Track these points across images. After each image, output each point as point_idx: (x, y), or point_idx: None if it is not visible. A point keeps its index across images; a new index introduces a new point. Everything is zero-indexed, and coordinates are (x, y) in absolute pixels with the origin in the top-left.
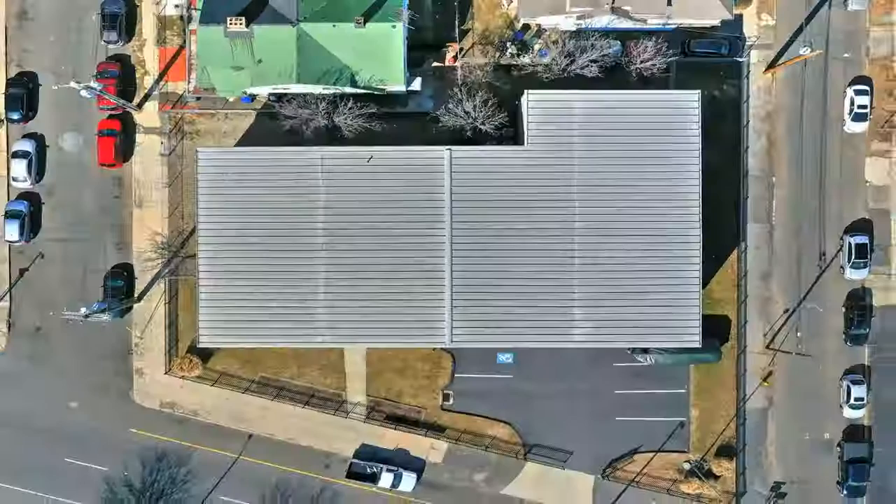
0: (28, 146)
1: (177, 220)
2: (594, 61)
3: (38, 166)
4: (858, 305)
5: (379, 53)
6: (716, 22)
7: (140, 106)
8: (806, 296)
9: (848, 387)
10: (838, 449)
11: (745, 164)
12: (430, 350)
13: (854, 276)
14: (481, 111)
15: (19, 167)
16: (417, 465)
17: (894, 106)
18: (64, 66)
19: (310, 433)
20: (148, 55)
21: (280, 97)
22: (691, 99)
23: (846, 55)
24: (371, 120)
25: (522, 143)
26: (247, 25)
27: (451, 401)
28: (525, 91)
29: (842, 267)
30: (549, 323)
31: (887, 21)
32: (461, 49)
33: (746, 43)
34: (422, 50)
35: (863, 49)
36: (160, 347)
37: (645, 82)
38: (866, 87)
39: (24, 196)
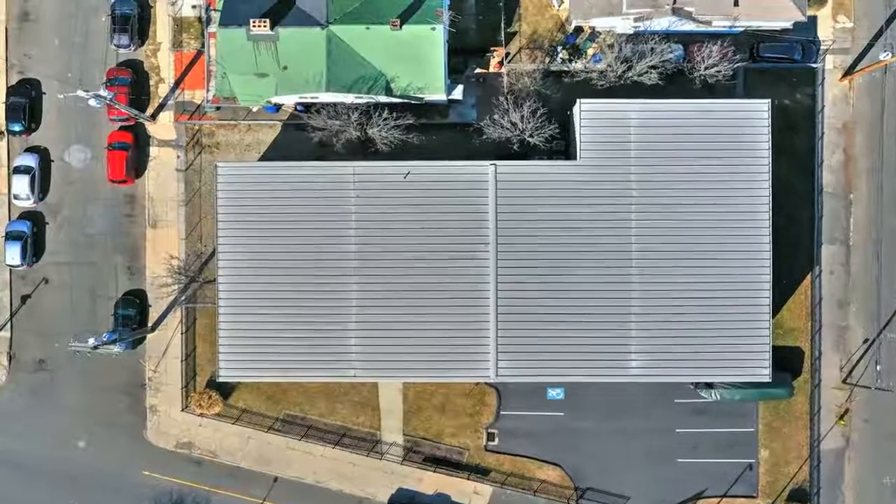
0: (31, 161)
1: (194, 241)
2: (653, 67)
3: (41, 183)
4: None
5: (417, 58)
6: (787, 24)
7: (154, 116)
8: (887, 325)
9: None
10: None
11: (819, 180)
12: (473, 385)
13: None
14: (529, 122)
15: (21, 184)
16: None
17: None
18: (70, 72)
19: (341, 476)
20: (162, 61)
21: (308, 107)
22: (760, 109)
23: None
24: (408, 132)
25: (574, 158)
26: (271, 28)
27: (496, 441)
28: (577, 100)
29: None
30: (604, 355)
31: None
32: (507, 54)
33: (821, 47)
34: (464, 55)
35: None
36: (176, 382)
37: (709, 90)
38: None
39: (27, 216)
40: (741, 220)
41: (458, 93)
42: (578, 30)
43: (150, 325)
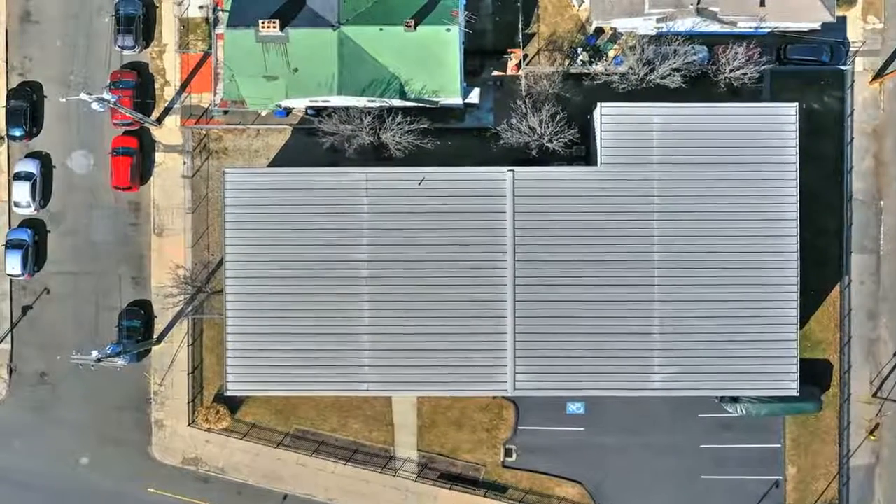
0: (32, 167)
1: (201, 250)
2: (677, 70)
3: (43, 190)
4: None
5: (432, 61)
6: (816, 25)
7: (159, 121)
8: None
9: None
10: None
11: (848, 186)
12: (490, 399)
13: None
14: (548, 126)
15: (22, 191)
16: None
17: None
18: (73, 75)
19: (353, 493)
20: (168, 63)
21: (319, 111)
22: (788, 113)
23: None
24: (423, 136)
25: (595, 163)
26: (281, 29)
27: (514, 457)
28: (598, 104)
29: None
30: (626, 368)
31: None
32: (525, 56)
33: (850, 49)
34: (480, 57)
35: None
36: (182, 396)
37: (735, 94)
38: None
39: (28, 223)
40: (767, 228)
41: (474, 96)
42: (599, 31)
43: (155, 337)
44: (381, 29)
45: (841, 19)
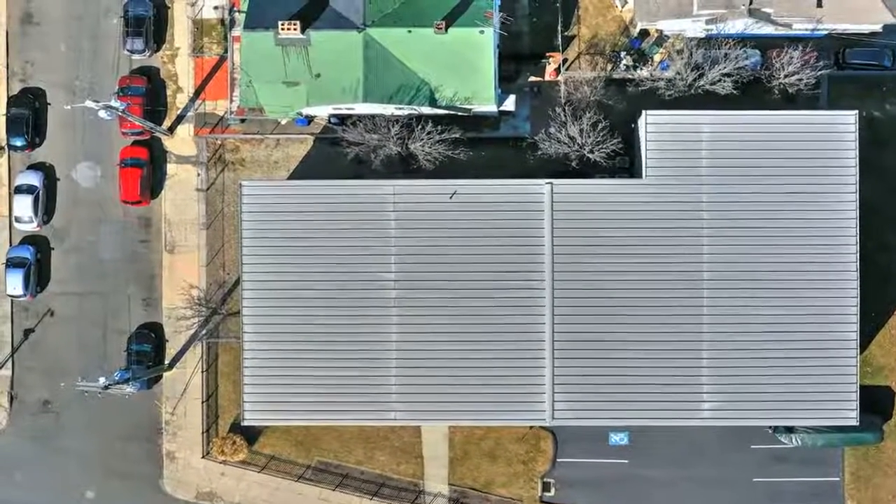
0: (34, 179)
1: (216, 269)
2: (727, 75)
3: (46, 204)
4: None
5: (464, 65)
6: (876, 27)
7: (171, 130)
8: None
9: None
10: None
11: None
12: (527, 429)
13: None
14: (589, 136)
15: (24, 205)
16: None
17: None
18: (78, 80)
19: None
20: (181, 67)
21: (343, 119)
22: (847, 121)
23: None
24: (454, 147)
25: (639, 176)
26: (302, 31)
27: (553, 491)
28: (643, 111)
29: None
30: (673, 396)
31: None
32: (565, 60)
33: None
34: (516, 61)
35: None
36: (196, 426)
37: (789, 100)
38: None
39: (30, 240)
40: (825, 244)
41: (509, 103)
42: (644, 33)
43: (166, 362)
44: (409, 31)
45: None
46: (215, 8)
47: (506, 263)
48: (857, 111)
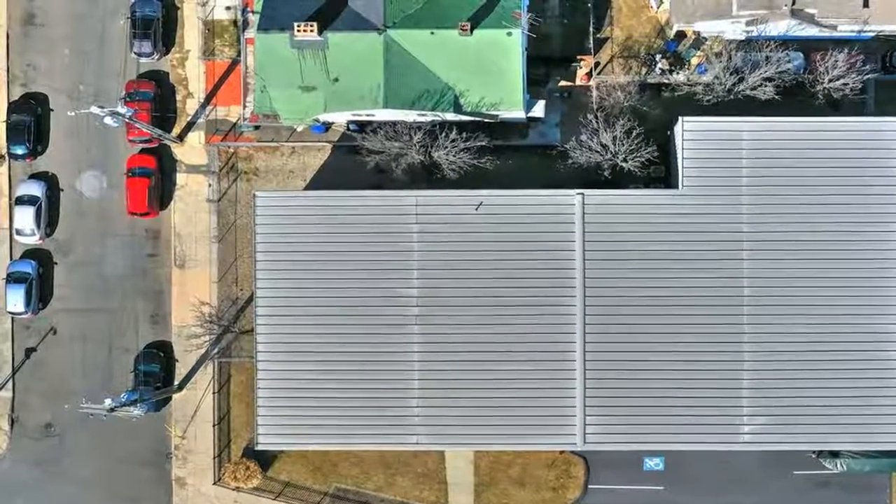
0: (36, 190)
1: (228, 285)
2: (769, 79)
3: (48, 216)
4: None
5: (491, 69)
6: None
7: (181, 137)
8: None
9: None
10: None
11: None
12: (557, 454)
13: None
14: (622, 144)
15: (25, 217)
16: None
17: None
18: (82, 85)
19: None
20: (191, 72)
21: (362, 126)
22: (894, 128)
23: None
24: (480, 155)
25: (676, 186)
26: (319, 33)
27: None
28: (679, 118)
29: None
30: (711, 419)
31: None
32: (597, 64)
33: None
34: (546, 65)
35: None
36: (207, 450)
37: (834, 106)
38: None
39: (32, 254)
40: (871, 258)
41: (538, 109)
42: (680, 35)
43: (176, 383)
44: (432, 33)
45: None
46: (227, 8)
47: (534, 279)
48: None
